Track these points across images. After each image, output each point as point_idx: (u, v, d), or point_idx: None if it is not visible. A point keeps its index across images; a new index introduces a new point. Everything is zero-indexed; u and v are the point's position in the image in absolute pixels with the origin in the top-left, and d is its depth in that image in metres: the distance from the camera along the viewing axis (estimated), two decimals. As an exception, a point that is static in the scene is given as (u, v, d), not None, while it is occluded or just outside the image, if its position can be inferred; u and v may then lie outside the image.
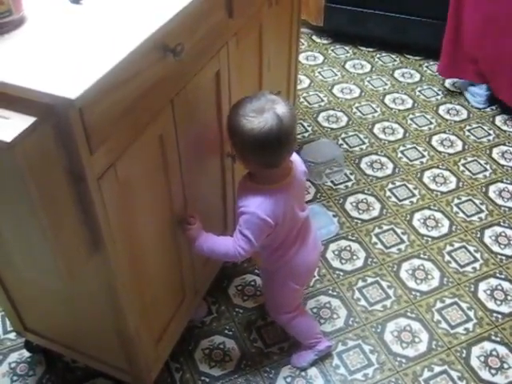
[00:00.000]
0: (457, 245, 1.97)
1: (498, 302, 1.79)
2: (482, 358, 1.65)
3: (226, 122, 1.30)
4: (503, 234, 2.01)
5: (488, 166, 2.29)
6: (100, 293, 1.22)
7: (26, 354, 1.66)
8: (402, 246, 1.97)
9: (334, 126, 2.51)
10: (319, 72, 2.86)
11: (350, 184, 2.22)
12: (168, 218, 1.34)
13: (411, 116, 2.56)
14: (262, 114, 1.21)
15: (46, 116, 0.85)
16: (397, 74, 2.83)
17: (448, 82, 2.75)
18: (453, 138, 2.43)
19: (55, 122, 0.87)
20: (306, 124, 2.52)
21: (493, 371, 1.62)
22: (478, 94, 2.57)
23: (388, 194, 2.17)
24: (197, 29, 1.19)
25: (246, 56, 1.54)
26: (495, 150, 2.36)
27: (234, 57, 1.43)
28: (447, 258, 1.93)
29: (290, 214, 1.34)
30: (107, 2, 1.08)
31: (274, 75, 1.79)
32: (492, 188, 2.19)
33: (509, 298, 1.81)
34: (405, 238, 2.00)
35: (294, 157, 1.38)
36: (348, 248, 1.96)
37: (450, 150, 2.36)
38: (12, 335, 1.71)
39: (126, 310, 1.25)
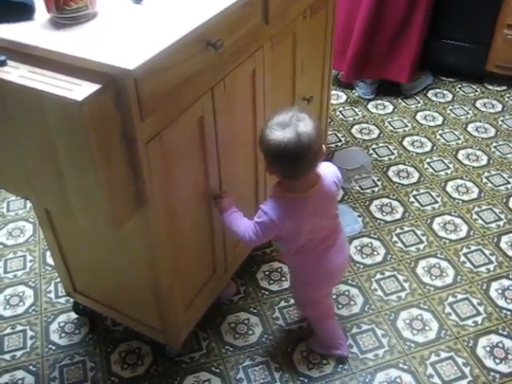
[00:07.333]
0: (473, 248, 2.09)
1: (509, 301, 1.90)
2: (488, 349, 1.76)
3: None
4: (520, 241, 2.12)
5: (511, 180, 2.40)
6: (140, 250, 1.43)
7: (73, 315, 1.88)
8: (421, 246, 2.10)
9: (366, 137, 2.68)
10: (356, 90, 3.04)
11: (376, 189, 2.37)
12: (203, 193, 1.54)
13: (440, 132, 2.70)
14: (284, 129, 1.30)
15: (109, 84, 1.07)
16: (430, 93, 2.98)
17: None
18: (479, 152, 2.56)
19: (115, 90, 1.09)
20: (340, 135, 2.70)
21: (497, 360, 1.73)
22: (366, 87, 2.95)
23: (412, 199, 2.31)
24: (236, 29, 1.41)
25: (281, 60, 1.74)
26: (520, 166, 2.48)
27: (268, 59, 1.64)
28: (463, 258, 2.05)
29: (310, 221, 1.44)
30: (163, 2, 1.31)
31: (307, 81, 1.99)
32: (513, 200, 2.31)
33: (519, 297, 1.92)
34: (424, 238, 2.13)
35: (326, 167, 1.48)
36: (369, 245, 2.12)
37: (475, 164, 2.49)
38: (62, 300, 1.94)
39: (162, 267, 1.44)
